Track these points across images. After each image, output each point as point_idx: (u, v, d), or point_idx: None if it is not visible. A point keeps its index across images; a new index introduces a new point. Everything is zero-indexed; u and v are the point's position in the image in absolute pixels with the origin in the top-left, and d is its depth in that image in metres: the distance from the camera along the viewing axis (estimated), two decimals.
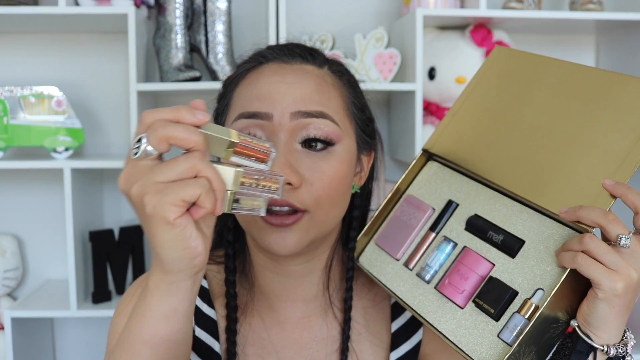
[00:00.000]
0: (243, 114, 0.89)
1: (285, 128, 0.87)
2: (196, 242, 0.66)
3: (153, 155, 0.64)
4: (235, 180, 0.67)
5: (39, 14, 1.77)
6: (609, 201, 0.78)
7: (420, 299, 0.91)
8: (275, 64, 0.95)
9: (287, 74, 0.92)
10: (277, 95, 0.88)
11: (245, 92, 0.92)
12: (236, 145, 0.67)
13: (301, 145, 0.89)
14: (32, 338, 2.00)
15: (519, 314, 0.80)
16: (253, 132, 0.88)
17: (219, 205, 0.65)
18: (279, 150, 0.86)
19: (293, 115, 0.88)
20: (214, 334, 1.00)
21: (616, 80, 0.85)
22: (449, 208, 0.94)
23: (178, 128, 0.63)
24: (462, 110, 0.99)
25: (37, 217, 2.12)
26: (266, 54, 0.97)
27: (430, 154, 1.00)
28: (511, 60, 0.98)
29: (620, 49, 2.11)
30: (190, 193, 0.62)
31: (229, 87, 0.98)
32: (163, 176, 0.62)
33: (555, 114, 0.88)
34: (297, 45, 0.99)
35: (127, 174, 0.65)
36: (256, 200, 0.71)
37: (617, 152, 0.80)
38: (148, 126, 0.64)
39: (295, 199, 0.86)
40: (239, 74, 0.97)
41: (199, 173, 0.63)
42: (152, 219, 0.63)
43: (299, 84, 0.90)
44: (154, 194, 0.62)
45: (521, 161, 0.88)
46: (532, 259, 0.83)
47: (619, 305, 0.76)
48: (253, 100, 0.89)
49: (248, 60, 0.98)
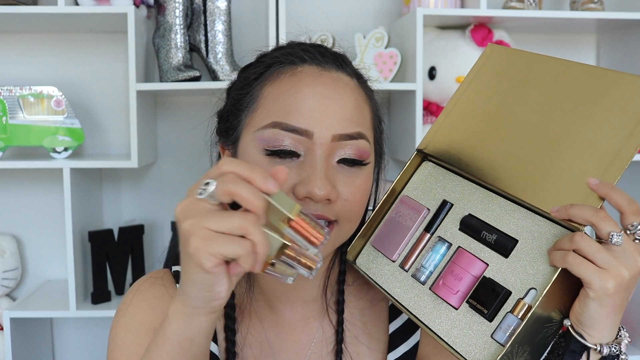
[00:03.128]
0: (280, 125, 0.87)
1: (325, 147, 0.88)
2: (221, 288, 0.69)
3: (215, 202, 0.67)
4: (279, 252, 0.70)
5: (38, 13, 1.77)
6: (600, 199, 0.78)
7: (416, 300, 0.91)
8: (311, 68, 0.93)
9: (327, 85, 0.90)
10: (319, 114, 0.88)
11: (283, 98, 0.89)
12: (291, 222, 0.69)
13: (337, 162, 0.90)
14: (31, 338, 2.00)
15: (512, 314, 0.79)
16: (289, 144, 0.87)
17: (257, 267, 0.67)
18: (318, 166, 0.86)
19: (334, 137, 0.88)
20: (213, 337, 0.99)
21: (608, 77, 0.84)
22: (443, 208, 0.94)
23: (246, 189, 0.65)
24: (456, 110, 0.98)
25: (37, 217, 2.12)
26: (302, 55, 0.94)
27: (424, 154, 1.00)
28: (504, 58, 0.97)
29: (621, 48, 2.11)
30: (231, 251, 0.65)
31: (254, 81, 0.95)
32: (215, 225, 0.65)
33: (548, 112, 0.87)
34: (326, 49, 0.98)
35: (186, 207, 0.67)
36: (289, 269, 0.73)
37: (608, 150, 0.79)
38: (221, 174, 0.67)
39: (329, 212, 0.88)
40: (269, 70, 0.94)
41: (248, 235, 0.65)
42: (190, 258, 0.66)
43: (340, 101, 0.90)
44: (201, 239, 0.65)
45: (514, 160, 0.87)
46: (525, 258, 0.82)
47: (611, 304, 0.75)
48: (293, 112, 0.87)
49: (278, 57, 0.95)
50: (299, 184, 0.86)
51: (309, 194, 0.84)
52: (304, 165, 0.87)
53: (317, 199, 0.85)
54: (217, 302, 0.71)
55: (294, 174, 0.86)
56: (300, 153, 0.87)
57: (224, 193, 0.65)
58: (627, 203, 0.77)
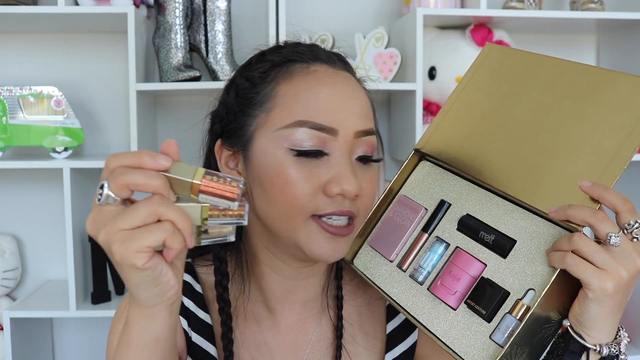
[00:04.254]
0: (307, 123, 0.87)
1: (349, 144, 0.89)
2: (167, 277, 0.67)
3: (117, 201, 0.65)
4: (202, 215, 0.68)
5: (38, 13, 1.77)
6: (595, 201, 0.78)
7: (413, 301, 0.91)
8: (324, 67, 0.94)
9: (343, 84, 0.92)
10: (342, 112, 0.89)
11: (305, 97, 0.89)
12: (200, 187, 0.67)
13: (355, 159, 0.91)
14: (31, 338, 2.00)
15: (511, 315, 0.79)
16: (316, 144, 0.88)
17: (188, 242, 0.65)
18: (346, 163, 0.88)
19: (356, 134, 0.90)
20: (210, 339, 0.99)
21: (606, 77, 0.84)
22: (441, 208, 0.94)
23: (137, 174, 0.64)
24: (454, 110, 0.98)
25: (37, 217, 2.12)
26: (308, 52, 0.95)
27: (422, 154, 1.00)
28: (502, 57, 0.97)
29: (621, 48, 2.11)
30: (154, 239, 0.62)
31: (261, 80, 0.94)
32: (126, 223, 0.62)
33: (546, 112, 0.87)
34: (324, 49, 0.99)
35: (94, 220, 0.65)
36: (225, 228, 0.72)
37: (607, 150, 0.79)
38: (110, 172, 0.65)
39: (355, 208, 0.89)
40: (279, 69, 0.94)
41: (162, 217, 0.63)
42: (122, 265, 0.64)
43: (357, 99, 0.92)
44: (120, 243, 0.62)
45: (512, 160, 0.87)
46: (524, 259, 0.82)
47: (610, 304, 0.75)
48: (317, 111, 0.88)
49: (285, 55, 0.95)
50: (330, 182, 0.86)
51: (343, 191, 0.86)
52: (330, 163, 0.88)
53: (350, 195, 0.86)
54: (172, 292, 0.69)
55: (322, 172, 0.87)
56: (328, 152, 0.88)
57: (119, 187, 0.64)
58: (622, 202, 0.77)
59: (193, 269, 1.05)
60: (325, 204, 0.87)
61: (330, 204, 0.87)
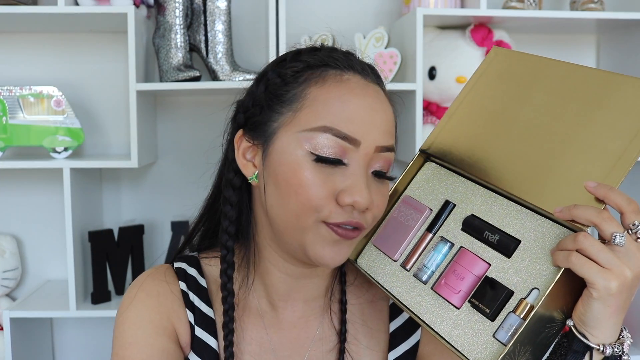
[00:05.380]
0: (332, 130, 0.88)
1: (368, 157, 0.90)
2: None
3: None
4: None
5: (38, 13, 1.77)
6: (600, 201, 0.78)
7: (417, 300, 0.91)
8: (357, 77, 0.94)
9: (373, 98, 0.93)
10: (368, 125, 0.90)
11: (335, 104, 0.90)
12: None
13: (371, 172, 0.92)
14: (31, 338, 2.00)
15: (514, 314, 0.79)
16: (337, 152, 0.88)
17: None
18: (362, 175, 0.89)
19: (377, 148, 0.90)
20: (212, 332, 1.00)
21: (612, 81, 0.84)
22: (446, 208, 0.94)
23: None
24: (459, 111, 0.99)
25: (36, 217, 2.12)
26: (344, 61, 0.95)
27: (427, 155, 1.00)
28: (508, 61, 0.98)
29: (621, 48, 2.11)
30: None
31: (294, 79, 0.94)
32: None
33: (552, 115, 0.87)
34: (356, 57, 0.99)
35: None
36: None
37: (612, 152, 0.80)
38: None
39: (363, 220, 0.90)
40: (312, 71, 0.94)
41: None
42: None
43: (384, 114, 0.92)
44: None
45: (517, 161, 0.87)
46: (528, 258, 0.82)
47: (614, 304, 0.75)
48: (345, 120, 0.89)
49: (321, 59, 0.95)
50: (343, 192, 0.87)
51: (354, 202, 0.86)
52: (347, 173, 0.88)
53: (361, 207, 0.87)
54: None
55: (338, 180, 0.88)
56: (346, 162, 0.89)
57: None
58: (626, 203, 0.78)
59: (198, 262, 1.05)
60: (336, 213, 0.87)
61: (341, 213, 0.88)
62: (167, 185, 2.14)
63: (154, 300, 0.98)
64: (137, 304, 0.98)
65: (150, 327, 0.96)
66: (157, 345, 0.94)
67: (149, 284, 1.01)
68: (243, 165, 0.96)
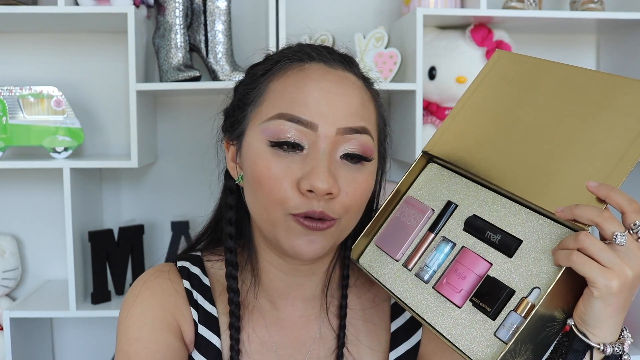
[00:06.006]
0: (285, 115, 0.88)
1: (329, 140, 0.88)
2: None
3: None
4: None
5: (38, 13, 1.77)
6: (601, 201, 0.79)
7: (419, 299, 0.91)
8: (319, 65, 0.94)
9: (333, 81, 0.91)
10: (325, 108, 0.88)
11: (289, 92, 0.90)
12: None
13: (340, 156, 0.90)
14: (31, 338, 2.00)
15: (516, 313, 0.80)
16: (292, 136, 0.87)
17: None
18: (322, 159, 0.87)
19: (339, 130, 0.89)
20: (215, 331, 1.00)
21: (614, 83, 0.85)
22: (448, 209, 0.95)
23: None
24: (463, 113, 0.99)
25: (36, 217, 2.12)
26: (310, 52, 0.95)
27: (430, 156, 1.00)
28: (511, 64, 0.98)
29: (621, 48, 2.11)
30: None
31: (261, 77, 0.96)
32: None
33: (554, 116, 0.88)
34: (333, 49, 0.99)
35: None
36: None
37: (613, 153, 0.80)
38: None
39: (330, 209, 0.88)
40: (277, 66, 0.95)
41: None
42: None
43: (346, 97, 0.91)
44: None
45: (519, 162, 0.88)
46: (529, 258, 0.83)
47: (615, 303, 0.75)
48: (299, 104, 0.88)
49: (286, 54, 0.96)
50: (302, 178, 0.86)
51: (312, 187, 0.85)
52: (307, 159, 0.87)
53: (320, 192, 0.85)
54: None
55: (297, 167, 0.87)
56: (304, 146, 0.88)
57: None
58: (628, 203, 0.78)
59: (202, 262, 1.06)
60: (300, 203, 0.87)
61: (304, 202, 0.86)
62: (167, 185, 2.14)
63: (158, 297, 0.99)
64: (142, 300, 0.98)
65: (155, 323, 0.96)
66: (162, 341, 0.95)
67: (153, 281, 1.01)
68: (232, 169, 0.99)
